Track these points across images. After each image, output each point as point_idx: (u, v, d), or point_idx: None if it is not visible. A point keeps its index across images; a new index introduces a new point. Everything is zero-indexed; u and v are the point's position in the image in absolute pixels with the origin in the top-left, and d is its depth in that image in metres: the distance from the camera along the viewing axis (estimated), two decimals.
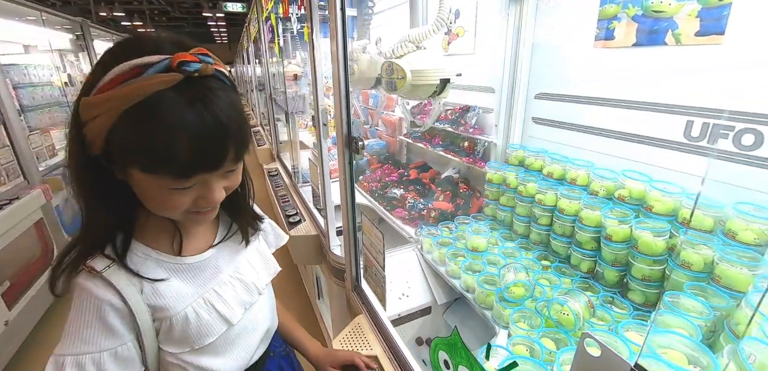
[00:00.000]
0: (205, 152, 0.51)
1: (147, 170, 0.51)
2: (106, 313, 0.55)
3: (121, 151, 0.50)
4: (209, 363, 0.66)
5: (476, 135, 1.71)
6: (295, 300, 2.72)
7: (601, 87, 1.25)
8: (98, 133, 0.49)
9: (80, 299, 0.55)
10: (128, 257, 0.58)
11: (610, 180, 1.23)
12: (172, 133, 0.48)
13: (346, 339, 1.00)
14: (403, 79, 1.02)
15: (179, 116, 0.48)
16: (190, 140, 0.49)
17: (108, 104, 0.48)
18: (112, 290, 0.55)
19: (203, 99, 0.50)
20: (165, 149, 0.48)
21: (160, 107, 0.47)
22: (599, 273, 1.19)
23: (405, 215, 1.72)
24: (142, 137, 0.48)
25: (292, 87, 2.52)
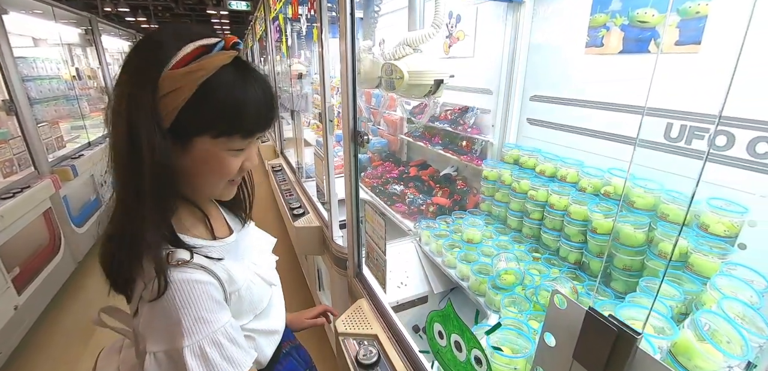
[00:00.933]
0: (263, 115, 0.62)
1: (222, 134, 0.58)
2: (214, 292, 0.60)
3: (196, 119, 0.56)
4: (268, 325, 0.76)
5: (474, 135, 1.80)
6: (296, 293, 2.79)
7: (591, 91, 1.34)
8: (176, 104, 0.55)
9: (186, 290, 0.57)
10: None
11: (597, 178, 1.31)
12: (244, 99, 0.59)
13: (347, 320, 1.08)
14: (401, 79, 1.10)
15: (245, 86, 0.59)
16: (257, 105, 0.60)
17: (191, 75, 0.55)
18: (208, 272, 0.60)
19: (254, 75, 0.61)
20: (238, 113, 0.58)
21: (231, 79, 0.57)
22: (585, 264, 1.28)
23: (405, 209, 1.80)
24: (220, 104, 0.57)
25: (295, 86, 2.61)
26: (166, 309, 0.56)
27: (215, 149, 0.60)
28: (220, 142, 0.59)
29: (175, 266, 0.57)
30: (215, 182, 0.65)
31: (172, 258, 0.58)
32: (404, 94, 1.04)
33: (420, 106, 2.17)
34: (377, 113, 2.49)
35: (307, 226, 1.74)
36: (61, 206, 2.91)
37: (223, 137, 0.59)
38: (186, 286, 0.57)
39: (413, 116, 2.05)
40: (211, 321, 0.58)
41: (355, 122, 1.13)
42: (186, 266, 0.58)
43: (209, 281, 0.60)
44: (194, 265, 0.59)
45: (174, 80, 0.55)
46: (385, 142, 2.49)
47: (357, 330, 1.04)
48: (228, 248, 0.70)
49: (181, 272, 0.57)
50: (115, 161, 0.58)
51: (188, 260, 0.59)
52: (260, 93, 0.61)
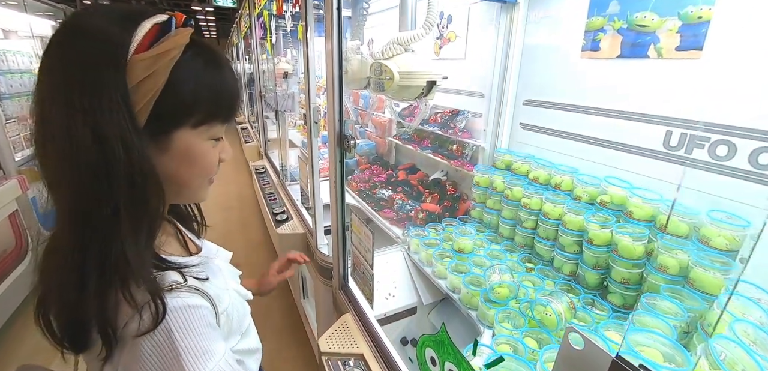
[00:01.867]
0: (236, 96, 0.58)
1: (202, 121, 0.53)
2: (209, 317, 0.53)
3: (175, 108, 0.50)
4: (251, 343, 0.69)
5: (465, 139, 1.74)
6: (279, 300, 2.69)
7: (587, 96, 1.29)
8: (151, 95, 0.47)
9: (183, 318, 0.49)
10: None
11: (593, 186, 1.27)
12: (220, 78, 0.54)
13: (332, 338, 1.00)
14: (391, 80, 1.03)
15: (216, 64, 0.54)
16: (230, 84, 0.56)
17: (162, 58, 0.47)
18: (201, 295, 0.53)
19: (216, 53, 0.55)
20: (216, 95, 0.53)
21: (200, 58, 0.51)
22: (581, 276, 1.23)
23: (393, 215, 1.73)
24: (198, 86, 0.51)
25: (281, 85, 2.51)
26: (160, 344, 0.47)
27: (196, 140, 0.54)
28: (201, 131, 0.54)
29: (169, 291, 0.49)
30: (200, 181, 0.58)
31: (161, 282, 0.50)
32: (394, 96, 0.97)
33: (410, 108, 2.11)
34: (365, 114, 2.41)
35: (291, 233, 1.65)
36: (28, 208, 2.73)
37: (204, 125, 0.54)
38: (183, 314, 0.49)
39: (403, 119, 1.98)
40: (213, 352, 0.51)
41: (341, 125, 1.05)
42: (180, 290, 0.51)
43: (204, 304, 0.53)
44: (189, 288, 0.52)
45: (145, 66, 0.46)
46: (373, 144, 2.41)
47: (342, 349, 0.96)
48: (205, 264, 0.62)
49: (175, 297, 0.49)
50: (73, 185, 0.46)
51: (182, 282, 0.52)
52: (229, 72, 0.56)
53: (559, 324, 1.02)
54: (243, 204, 4.57)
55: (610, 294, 1.15)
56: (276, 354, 2.23)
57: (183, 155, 0.53)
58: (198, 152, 0.55)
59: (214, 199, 4.66)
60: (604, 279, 1.18)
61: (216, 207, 4.45)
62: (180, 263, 0.55)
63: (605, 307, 1.13)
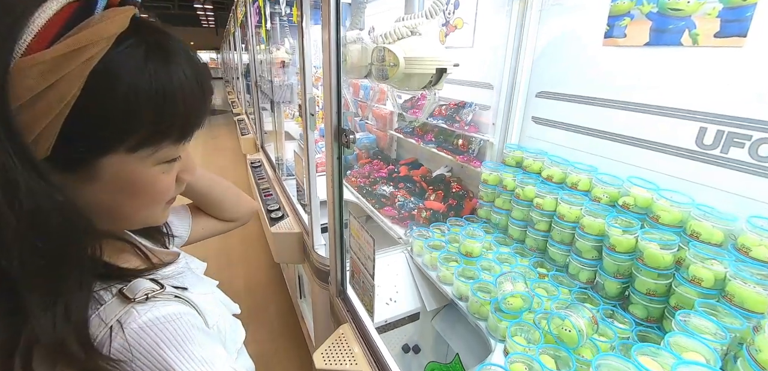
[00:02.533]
0: (198, 104, 0.43)
1: (142, 144, 0.39)
2: (198, 321, 0.44)
3: (96, 130, 0.36)
4: (247, 363, 0.59)
5: (471, 133, 1.63)
6: (275, 299, 2.60)
7: (609, 88, 1.18)
8: (57, 110, 0.33)
9: (170, 330, 0.39)
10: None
11: (615, 186, 1.16)
12: (169, 83, 0.38)
13: (328, 352, 0.90)
14: (395, 66, 0.92)
15: (166, 63, 0.39)
16: (187, 90, 0.40)
17: (73, 58, 0.33)
18: (184, 303, 0.44)
19: (171, 44, 0.40)
20: (162, 106, 0.38)
21: (139, 54, 0.37)
22: (599, 284, 1.13)
23: (394, 214, 1.62)
24: (133, 97, 0.36)
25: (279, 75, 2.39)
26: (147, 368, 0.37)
27: (137, 167, 0.40)
28: (142, 155, 0.40)
29: (142, 302, 0.39)
30: (148, 211, 0.46)
31: (131, 293, 0.39)
32: (398, 85, 0.86)
33: (413, 100, 1.99)
34: (365, 106, 2.29)
35: (286, 232, 1.55)
36: None
37: (145, 149, 0.40)
38: (168, 325, 0.39)
39: (405, 111, 1.87)
40: (214, 360, 0.42)
41: (339, 118, 0.95)
42: (158, 298, 0.41)
43: (191, 311, 0.44)
44: (167, 296, 0.42)
45: (42, 72, 0.32)
46: (374, 138, 2.30)
47: (339, 366, 0.86)
48: (184, 274, 0.52)
49: (151, 308, 0.39)
50: None
51: (160, 289, 0.42)
52: (189, 71, 0.41)
53: (579, 341, 0.92)
54: None
55: (632, 305, 1.06)
56: (272, 355, 2.15)
57: (118, 187, 0.40)
58: (141, 181, 0.41)
59: None
60: (626, 289, 1.09)
61: None
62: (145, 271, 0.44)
63: (627, 320, 1.03)
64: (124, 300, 0.38)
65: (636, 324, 1.02)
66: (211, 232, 0.74)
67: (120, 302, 0.38)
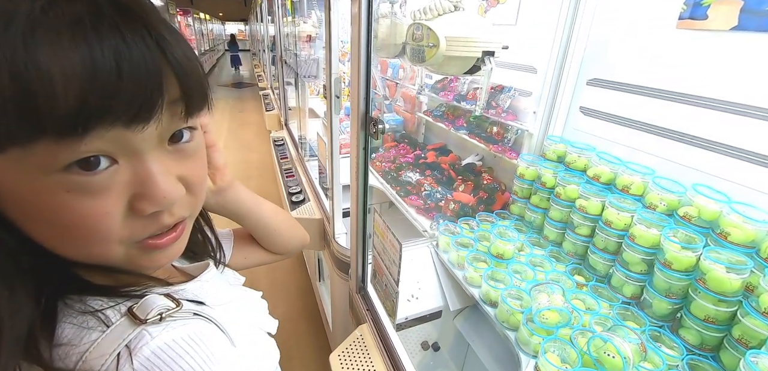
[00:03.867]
0: (116, 78, 0.26)
1: (9, 139, 0.26)
2: (221, 341, 0.37)
3: None
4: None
5: (508, 121, 1.49)
6: (294, 278, 2.62)
7: (680, 78, 1.02)
8: None
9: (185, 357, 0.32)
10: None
11: (675, 194, 1.02)
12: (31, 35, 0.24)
13: (346, 355, 0.85)
14: (434, 47, 0.81)
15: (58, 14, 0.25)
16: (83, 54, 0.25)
17: None
18: (201, 320, 0.37)
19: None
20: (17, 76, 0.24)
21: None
22: (646, 302, 1.01)
23: (420, 204, 1.54)
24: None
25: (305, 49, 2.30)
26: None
27: (17, 177, 0.27)
28: (12, 156, 0.26)
29: (157, 322, 0.32)
30: (80, 249, 0.32)
31: (143, 313, 0.32)
32: (437, 68, 0.76)
33: (445, 80, 1.86)
34: (394, 86, 2.17)
35: (307, 217, 1.50)
36: None
37: (10, 147, 0.26)
38: (188, 348, 0.32)
39: (436, 93, 1.74)
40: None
41: (367, 104, 0.86)
42: (175, 317, 0.34)
43: (213, 330, 0.37)
44: (185, 314, 0.35)
45: None
46: (401, 120, 2.19)
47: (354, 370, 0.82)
48: (202, 286, 0.43)
49: (166, 328, 0.32)
50: None
51: (176, 307, 0.35)
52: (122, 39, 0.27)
53: (625, 369, 0.82)
54: (263, 174, 4.50)
55: (683, 329, 0.94)
56: (290, 335, 2.17)
57: (29, 213, 0.29)
58: (44, 203, 0.28)
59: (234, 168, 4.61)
60: (678, 311, 0.97)
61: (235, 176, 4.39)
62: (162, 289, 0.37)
63: (676, 345, 0.92)
64: (133, 320, 0.32)
65: (687, 350, 0.91)
66: (254, 263, 0.66)
67: (130, 323, 0.32)
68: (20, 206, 0.29)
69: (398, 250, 0.73)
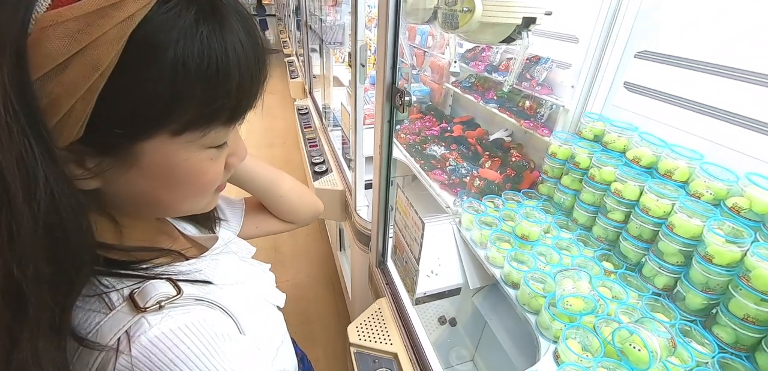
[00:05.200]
0: (254, 78, 0.37)
1: (189, 126, 0.33)
2: (228, 329, 0.38)
3: (136, 108, 0.30)
4: (285, 364, 0.54)
5: (543, 95, 1.41)
6: (315, 245, 2.68)
7: (746, 52, 0.91)
8: (87, 85, 0.27)
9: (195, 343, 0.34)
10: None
11: (724, 182, 0.94)
12: (223, 54, 0.32)
13: (364, 327, 0.87)
14: (469, 12, 0.75)
15: (220, 27, 0.32)
16: (242, 61, 0.34)
17: (108, 17, 0.26)
18: (208, 305, 0.39)
19: (222, 5, 0.33)
20: (213, 82, 0.32)
21: (188, 17, 0.30)
22: (679, 294, 0.96)
23: (444, 179, 1.51)
24: (179, 70, 0.30)
25: (330, 14, 2.23)
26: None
27: (180, 153, 0.35)
28: (187, 139, 0.34)
29: (156, 310, 0.34)
30: (192, 200, 0.41)
31: (142, 300, 0.34)
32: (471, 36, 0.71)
33: (476, 50, 1.76)
34: (421, 54, 2.09)
35: (329, 188, 1.51)
36: None
37: (191, 132, 0.34)
38: (187, 337, 0.34)
39: (467, 63, 1.66)
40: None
41: (393, 75, 0.82)
42: (175, 304, 0.36)
43: (216, 316, 0.38)
44: (186, 301, 0.37)
45: (70, 34, 0.26)
46: (428, 91, 2.12)
47: (373, 344, 0.83)
48: (215, 264, 0.46)
49: (166, 317, 0.34)
50: None
51: (176, 294, 0.36)
52: (246, 41, 0.34)
53: (651, 364, 0.79)
54: (287, 142, 4.55)
55: (717, 326, 0.89)
56: (311, 300, 2.26)
57: (159, 174, 0.35)
58: (185, 169, 0.36)
59: (258, 136, 4.69)
60: (714, 307, 0.91)
61: (260, 144, 4.48)
62: (161, 270, 0.39)
63: (708, 342, 0.87)
64: (133, 307, 0.33)
65: (719, 348, 0.86)
66: (266, 231, 0.69)
67: (130, 309, 0.33)
68: (172, 175, 0.36)
69: (421, 229, 0.71)
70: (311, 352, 1.45)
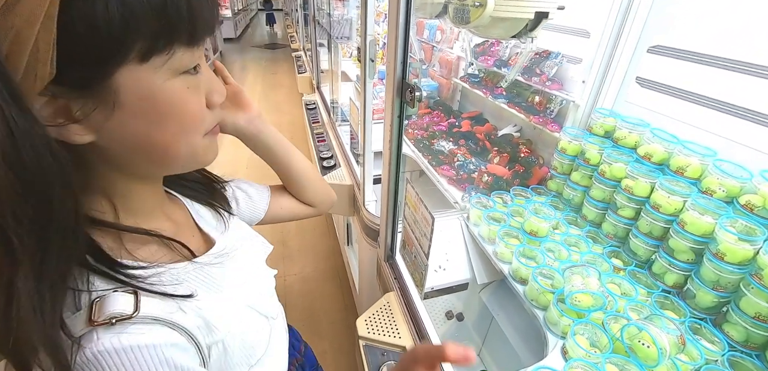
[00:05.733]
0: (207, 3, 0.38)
1: (154, 49, 0.34)
2: (180, 358, 0.38)
3: (98, 34, 0.31)
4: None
5: (553, 90, 1.40)
6: (322, 239, 2.70)
7: (760, 48, 0.89)
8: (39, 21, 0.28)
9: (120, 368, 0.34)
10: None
11: (738, 179, 0.93)
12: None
13: (372, 321, 0.88)
14: (480, 7, 0.75)
15: None
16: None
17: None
18: (168, 327, 0.38)
19: None
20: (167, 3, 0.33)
21: None
22: (689, 292, 0.95)
23: (452, 174, 1.51)
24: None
25: (338, 8, 2.23)
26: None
27: (154, 80, 0.36)
28: (155, 64, 0.35)
29: (107, 326, 0.34)
30: (185, 139, 0.40)
31: (98, 312, 0.34)
32: (482, 31, 0.71)
33: (486, 44, 1.75)
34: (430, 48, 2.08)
35: (338, 183, 1.52)
36: None
37: (156, 56, 0.35)
38: (126, 359, 0.34)
39: (476, 58, 1.65)
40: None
41: (404, 69, 0.82)
42: (127, 325, 0.35)
43: (171, 342, 0.38)
44: (143, 320, 0.36)
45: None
46: (436, 86, 2.11)
47: (381, 337, 0.84)
48: (205, 271, 0.45)
49: (116, 334, 0.34)
50: None
51: (130, 315, 0.35)
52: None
53: (660, 360, 0.79)
54: (295, 136, 4.57)
55: (727, 324, 0.88)
56: (317, 296, 2.28)
57: (144, 108, 0.36)
58: (165, 97, 0.37)
59: None
60: (725, 305, 0.90)
61: None
62: (136, 273, 0.38)
63: (718, 340, 0.87)
64: (89, 317, 0.34)
65: (729, 346, 0.85)
66: (290, 214, 0.71)
67: (87, 317, 0.34)
68: (155, 107, 0.37)
69: (430, 224, 0.72)
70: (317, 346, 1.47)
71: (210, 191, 0.57)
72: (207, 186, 0.57)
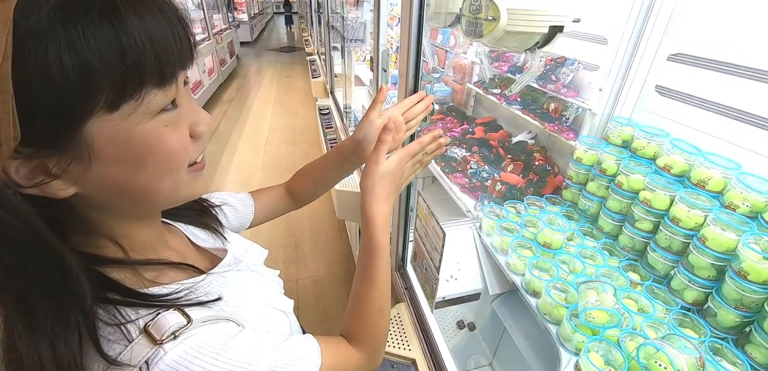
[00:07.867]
0: (171, 30, 0.36)
1: (121, 96, 0.33)
2: (234, 331, 0.41)
3: (58, 96, 0.30)
4: None
5: (569, 97, 1.37)
6: (335, 243, 2.72)
7: None
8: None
9: (198, 360, 0.36)
10: None
11: (763, 194, 0.89)
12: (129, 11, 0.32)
13: None
14: (494, 21, 0.74)
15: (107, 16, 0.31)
16: (151, 17, 0.34)
17: None
18: (213, 322, 0.40)
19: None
20: (123, 59, 0.32)
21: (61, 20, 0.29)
22: (710, 310, 0.92)
23: (465, 182, 1.50)
24: (86, 38, 0.30)
25: (352, 11, 2.24)
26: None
27: (128, 127, 0.34)
28: (126, 111, 0.33)
29: (171, 340, 0.36)
30: (169, 178, 0.40)
31: (158, 332, 0.36)
32: (495, 43, 0.70)
33: (500, 50, 1.73)
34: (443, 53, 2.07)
35: (350, 190, 1.53)
36: None
37: (126, 102, 0.33)
38: (200, 352, 0.36)
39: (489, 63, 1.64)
40: (255, 353, 0.40)
41: (416, 80, 0.83)
42: (188, 331, 0.37)
43: (224, 326, 0.40)
44: (198, 325, 0.38)
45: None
46: (449, 91, 2.10)
47: (391, 349, 0.85)
48: (227, 278, 0.49)
49: (184, 342, 0.36)
50: None
51: (187, 323, 0.37)
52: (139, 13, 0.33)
53: None
54: (307, 139, 4.62)
55: (750, 345, 0.85)
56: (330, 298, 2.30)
57: (122, 155, 0.35)
58: (142, 141, 0.36)
59: (279, 133, 4.78)
60: (748, 325, 0.87)
61: (281, 141, 4.57)
62: (171, 290, 0.40)
63: (740, 361, 0.83)
64: (150, 339, 0.36)
65: (752, 368, 0.82)
66: (272, 216, 0.76)
67: (147, 341, 0.36)
68: (133, 152, 0.36)
69: (442, 238, 0.72)
70: None
71: (202, 213, 0.59)
72: (199, 210, 0.59)
